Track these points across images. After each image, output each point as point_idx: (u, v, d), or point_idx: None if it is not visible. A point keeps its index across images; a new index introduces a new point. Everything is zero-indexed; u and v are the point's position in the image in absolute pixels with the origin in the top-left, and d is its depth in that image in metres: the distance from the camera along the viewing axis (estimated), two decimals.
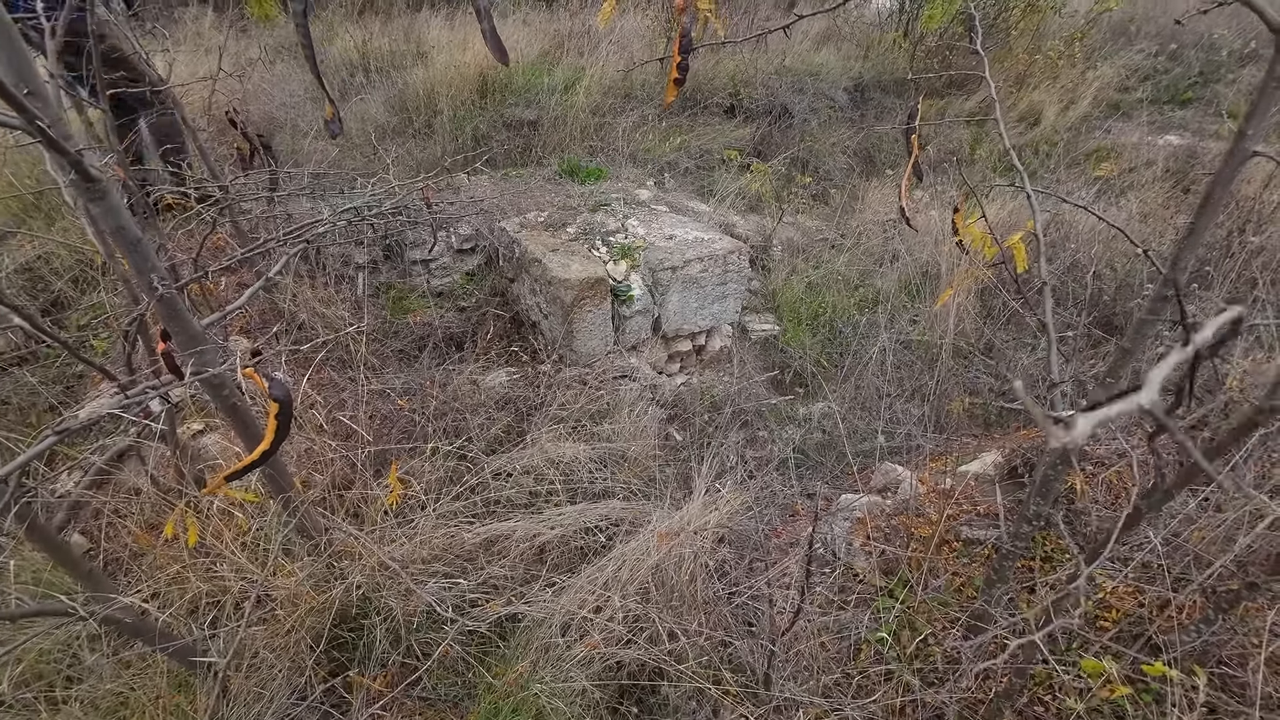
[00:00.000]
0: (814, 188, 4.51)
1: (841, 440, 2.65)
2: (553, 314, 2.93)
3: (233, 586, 1.30)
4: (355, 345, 2.17)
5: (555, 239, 3.15)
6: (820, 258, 4.00)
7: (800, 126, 5.00)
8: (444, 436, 2.03)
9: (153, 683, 1.20)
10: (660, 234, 3.32)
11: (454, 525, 1.65)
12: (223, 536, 1.35)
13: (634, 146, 4.27)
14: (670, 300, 3.10)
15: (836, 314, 3.64)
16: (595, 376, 2.79)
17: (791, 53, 5.32)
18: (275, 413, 0.93)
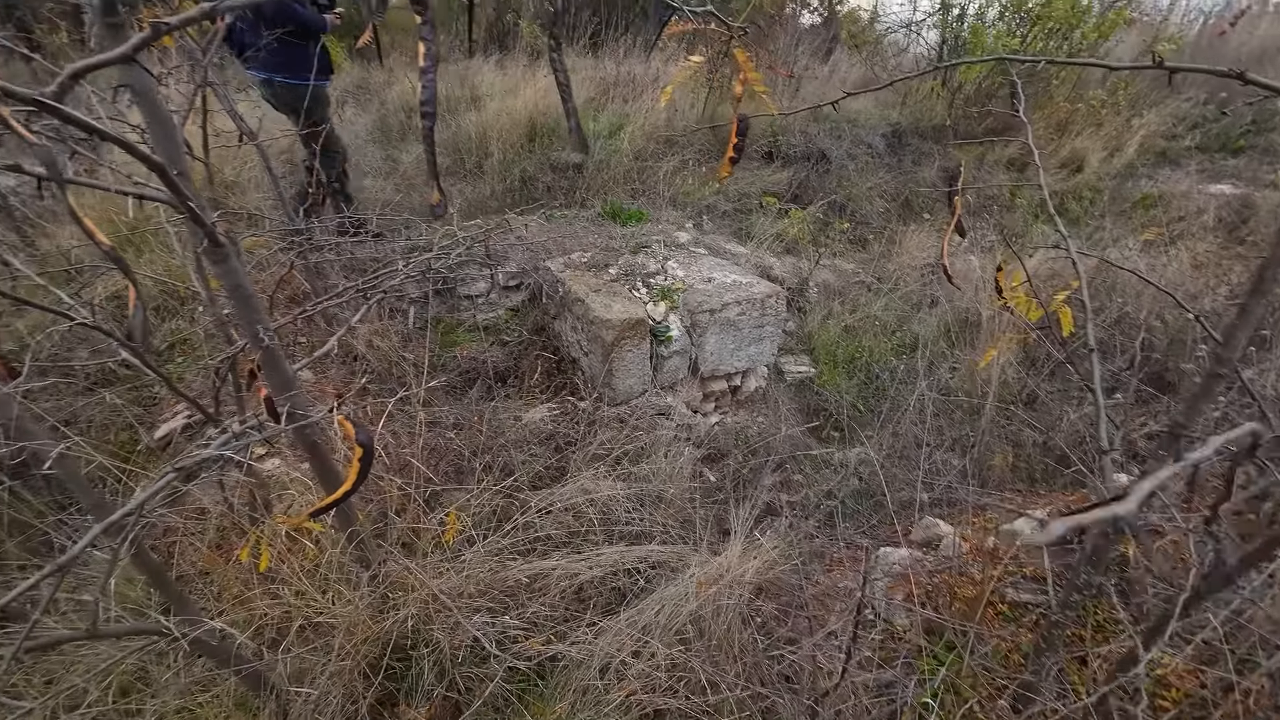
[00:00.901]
0: (851, 232, 4.56)
1: (879, 489, 2.63)
2: (593, 352, 3.01)
3: (296, 611, 1.38)
4: (412, 379, 2.28)
5: (597, 279, 3.26)
6: (857, 301, 4.02)
7: (837, 171, 5.09)
8: (488, 471, 2.10)
9: (220, 702, 1.27)
10: (699, 276, 3.40)
11: (498, 560, 1.71)
12: (288, 562, 1.44)
13: (674, 190, 4.41)
14: (708, 341, 3.16)
15: (873, 358, 3.63)
16: (633, 415, 2.84)
17: (829, 99, 5.45)
18: (359, 457, 1.01)
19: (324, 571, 1.45)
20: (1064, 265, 3.40)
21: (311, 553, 1.46)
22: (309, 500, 1.64)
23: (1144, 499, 0.32)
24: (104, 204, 3.25)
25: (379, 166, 4.85)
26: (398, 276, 1.44)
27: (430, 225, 3.19)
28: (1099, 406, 1.22)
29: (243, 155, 3.53)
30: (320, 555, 1.46)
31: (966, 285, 3.66)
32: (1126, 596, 1.36)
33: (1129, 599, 1.35)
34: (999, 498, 2.09)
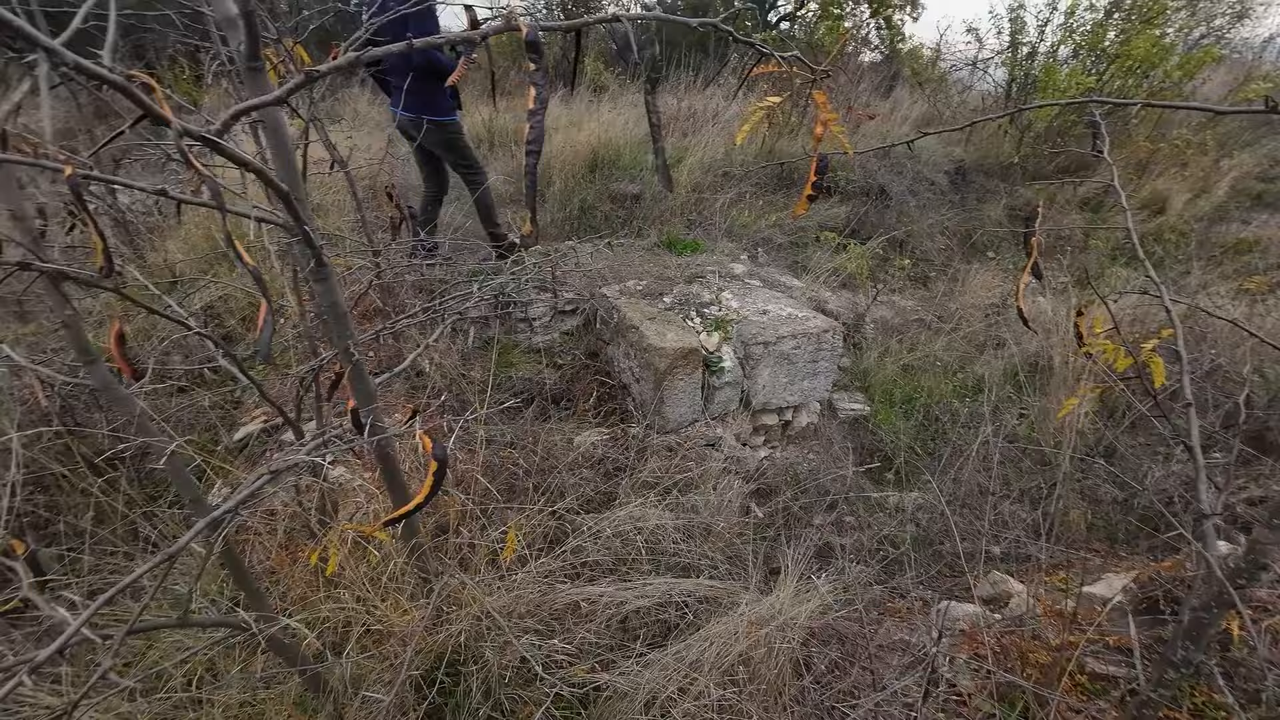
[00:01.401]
0: (911, 269, 4.45)
1: (940, 537, 2.50)
2: (645, 379, 3.03)
3: (356, 617, 1.42)
4: (475, 396, 2.35)
5: (652, 307, 3.30)
6: (916, 340, 3.90)
7: (898, 207, 5.01)
8: (540, 492, 2.13)
9: (281, 700, 1.32)
10: (754, 308, 3.39)
11: (548, 582, 1.72)
12: (351, 568, 1.49)
13: (730, 222, 4.45)
14: (760, 374, 3.13)
15: (933, 400, 3.50)
16: (683, 444, 2.83)
17: (891, 136, 5.41)
18: (433, 470, 1.05)
19: (384, 580, 1.49)
20: (1147, 311, 3.21)
21: (375, 560, 1.51)
22: (375, 508, 1.70)
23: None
24: (206, 221, 3.56)
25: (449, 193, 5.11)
26: (472, 299, 1.51)
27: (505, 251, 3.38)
28: (1198, 466, 1.13)
29: (329, 181, 3.81)
30: (384, 564, 1.51)
31: (1037, 328, 3.49)
32: (1232, 679, 1.23)
33: (1235, 682, 1.22)
34: (1075, 557, 1.95)
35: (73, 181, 0.80)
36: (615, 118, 5.54)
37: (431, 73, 3.14)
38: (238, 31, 0.86)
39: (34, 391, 1.65)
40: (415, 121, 3.28)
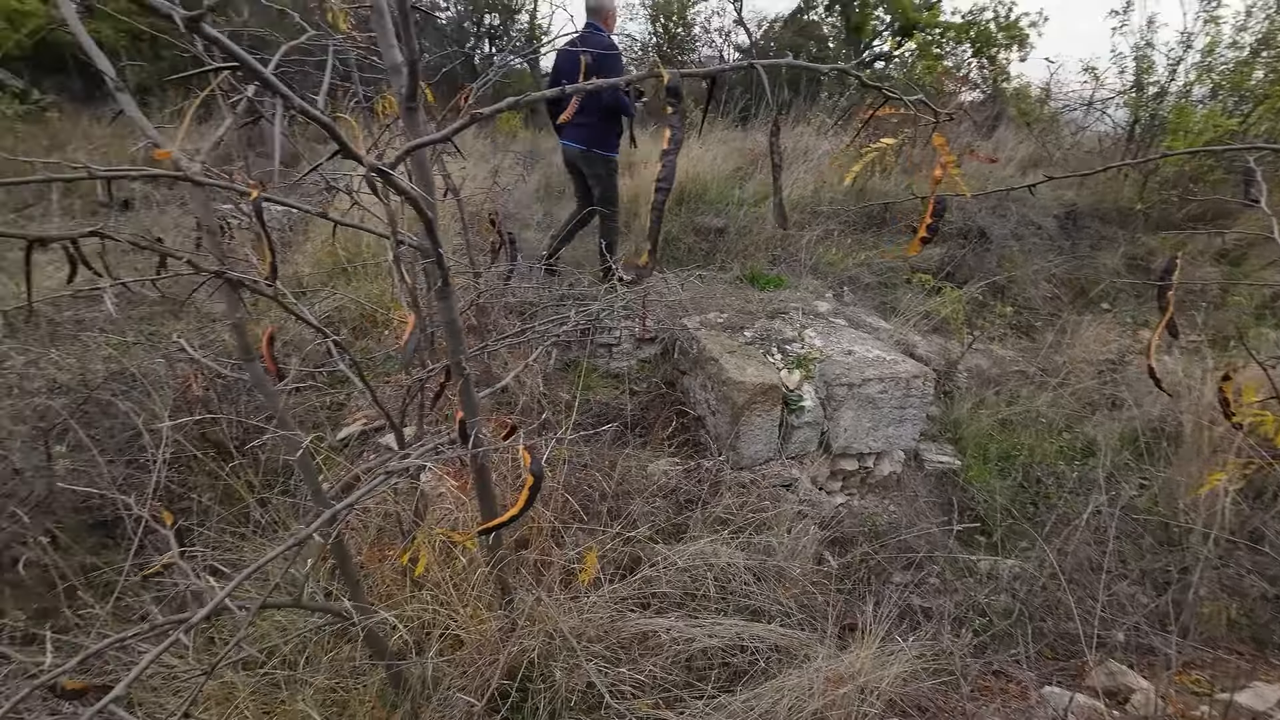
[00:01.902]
0: (1013, 317, 4.17)
1: (1039, 612, 2.27)
2: (721, 412, 3.00)
3: (436, 620, 1.48)
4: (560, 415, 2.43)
5: (733, 341, 3.28)
6: (1016, 393, 3.62)
7: (998, 250, 4.74)
8: (613, 517, 2.14)
9: (364, 691, 1.39)
10: (838, 348, 3.29)
11: (617, 609, 1.71)
12: (437, 571, 1.56)
13: (816, 259, 4.38)
14: (843, 417, 3.01)
15: (1034, 459, 3.21)
16: (757, 482, 2.76)
17: (994, 177, 5.15)
18: (530, 485, 1.09)
19: (467, 587, 1.55)
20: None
21: (460, 566, 1.57)
22: (461, 516, 1.78)
23: None
24: (330, 239, 3.95)
25: (539, 221, 5.39)
26: (569, 323, 1.57)
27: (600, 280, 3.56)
28: None
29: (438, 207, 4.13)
30: (468, 571, 1.56)
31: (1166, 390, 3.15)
32: None
33: None
34: (1214, 656, 1.69)
35: (256, 203, 0.92)
36: (704, 153, 5.65)
37: (610, 111, 3.43)
38: (400, 77, 0.96)
39: (188, 380, 1.87)
40: (584, 154, 3.59)
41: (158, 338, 2.64)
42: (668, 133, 0.70)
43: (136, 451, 2.17)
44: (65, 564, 1.79)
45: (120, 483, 1.92)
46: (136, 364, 2.27)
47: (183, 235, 4.28)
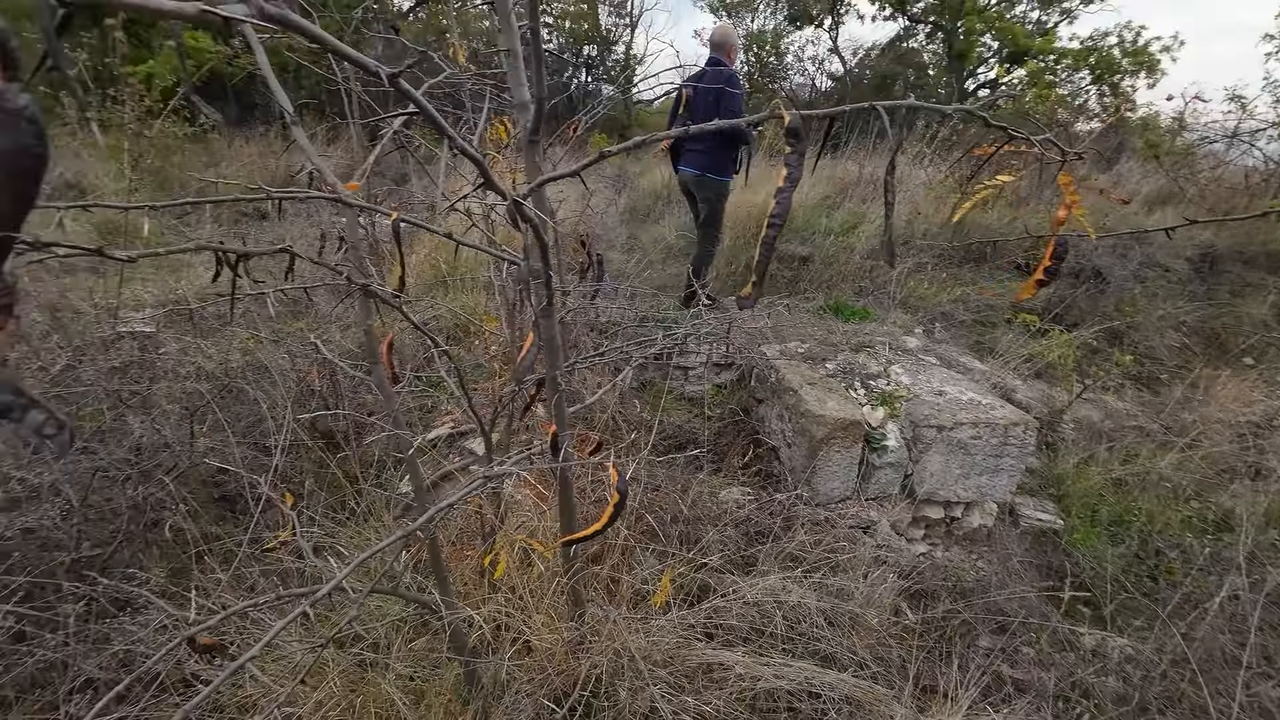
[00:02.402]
0: (1132, 367, 3.78)
1: (1157, 703, 2.01)
2: (797, 445, 2.92)
3: (511, 623, 1.53)
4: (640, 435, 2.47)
5: (813, 372, 3.20)
6: (1133, 451, 3.27)
7: (1116, 293, 4.33)
8: (683, 542, 2.13)
9: (440, 684, 1.46)
10: (927, 387, 3.13)
11: (684, 636, 1.69)
12: (514, 576, 1.62)
13: (906, 292, 4.20)
14: (929, 460, 2.84)
15: (1154, 527, 2.87)
16: (833, 521, 2.65)
17: (1115, 213, 4.74)
18: (615, 502, 1.11)
19: (540, 594, 1.59)
20: None
21: (536, 573, 1.63)
22: (539, 525, 1.84)
23: None
24: (433, 253, 4.26)
25: (623, 243, 5.54)
26: (656, 346, 1.61)
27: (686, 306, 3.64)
28: None
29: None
30: (544, 580, 1.61)
31: None
32: None
33: None
34: None
35: (395, 225, 1.03)
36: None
37: (728, 139, 3.59)
38: (527, 113, 1.05)
39: (310, 375, 2.07)
40: (698, 179, 3.73)
41: (282, 334, 2.94)
42: (784, 171, 0.72)
43: (260, 436, 2.41)
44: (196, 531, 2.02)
45: (246, 463, 2.14)
46: (267, 357, 2.55)
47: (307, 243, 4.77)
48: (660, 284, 4.21)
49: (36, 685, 1.72)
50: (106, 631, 1.78)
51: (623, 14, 12.39)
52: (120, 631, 1.77)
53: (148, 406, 2.14)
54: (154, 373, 2.38)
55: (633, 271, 4.36)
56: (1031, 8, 11.21)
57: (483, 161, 0.64)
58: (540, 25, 0.89)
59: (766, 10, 12.23)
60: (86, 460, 2.01)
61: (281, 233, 5.58)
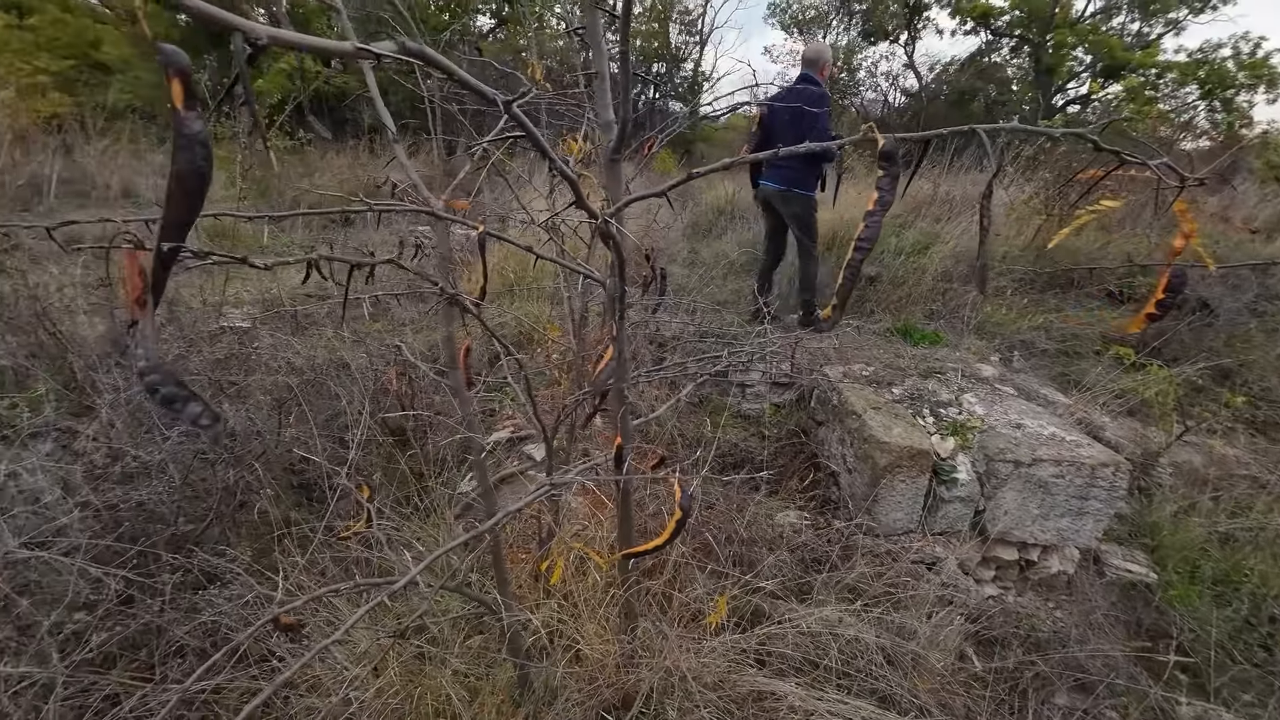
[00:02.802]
0: (1245, 409, 3.42)
1: None
2: (859, 472, 2.82)
3: (564, 629, 1.55)
4: (682, 451, 2.46)
5: (878, 397, 3.08)
6: (1244, 502, 2.95)
7: (1227, 327, 3.94)
8: (736, 563, 2.09)
9: (493, 683, 1.49)
10: (1003, 418, 2.94)
11: (735, 661, 1.66)
12: (568, 583, 1.64)
13: (982, 317, 3.98)
14: (1004, 497, 2.67)
15: (1269, 590, 2.57)
16: (894, 554, 2.53)
17: (1226, 239, 4.33)
18: (677, 518, 1.11)
19: (593, 604, 1.60)
20: None
21: (592, 582, 1.64)
22: (594, 534, 1.86)
23: None
24: (502, 263, 4.42)
25: (685, 257, 5.56)
26: (721, 363, 1.60)
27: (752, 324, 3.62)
28: None
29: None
30: (599, 590, 1.63)
31: None
32: None
33: None
34: None
35: (481, 238, 1.08)
36: (857, 197, 5.47)
37: (813, 155, 3.60)
38: (611, 132, 1.08)
39: (390, 376, 2.19)
40: (782, 194, 3.71)
41: (363, 334, 3.13)
42: (875, 195, 0.70)
43: (337, 429, 2.57)
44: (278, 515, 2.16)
45: (325, 453, 2.28)
46: (348, 355, 2.72)
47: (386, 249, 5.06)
48: (721, 299, 4.19)
49: (136, 646, 1.88)
50: (197, 602, 1.93)
51: (693, 32, 12.54)
52: (209, 603, 1.92)
53: (243, 396, 2.33)
54: (250, 365, 2.59)
55: (694, 286, 4.36)
56: (1132, 19, 10.50)
57: (577, 182, 0.67)
58: (629, 49, 0.92)
59: (839, 26, 12.05)
60: (189, 443, 2.20)
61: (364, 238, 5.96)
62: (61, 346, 2.48)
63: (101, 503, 1.83)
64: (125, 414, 2.28)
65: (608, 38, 1.05)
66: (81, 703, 1.45)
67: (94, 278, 3.01)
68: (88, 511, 1.74)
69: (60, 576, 1.75)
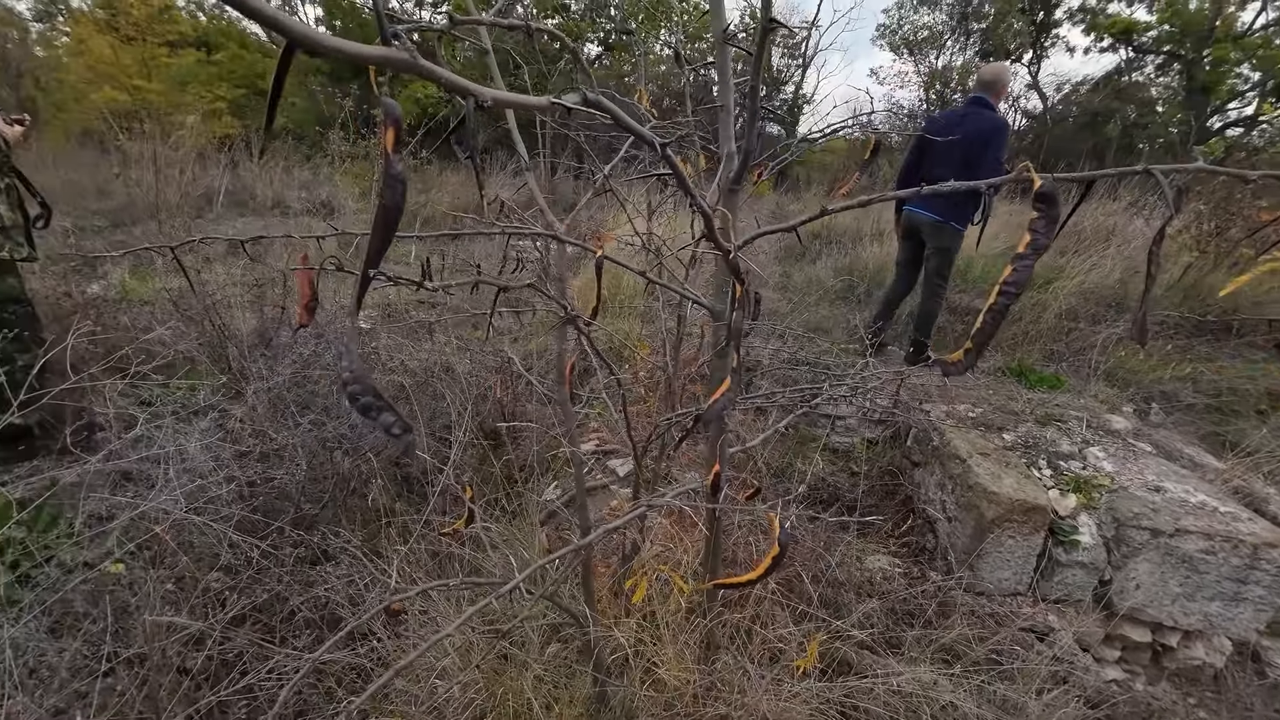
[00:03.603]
0: None
1: None
2: (961, 521, 2.61)
3: (643, 650, 1.55)
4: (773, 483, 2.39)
5: (986, 442, 2.85)
6: None
7: None
8: (820, 604, 1.99)
9: (573, 697, 1.52)
10: (1139, 479, 2.62)
11: (818, 710, 1.57)
12: (650, 604, 1.64)
13: (1114, 362, 3.58)
14: (1137, 569, 2.36)
15: None
16: (999, 617, 2.31)
17: None
18: (774, 555, 1.08)
19: (675, 628, 1.59)
20: None
21: (675, 606, 1.63)
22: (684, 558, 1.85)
23: None
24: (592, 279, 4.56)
25: (777, 281, 5.46)
26: (822, 396, 1.55)
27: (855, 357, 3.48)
28: None
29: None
30: (683, 616, 1.61)
31: None
32: None
33: None
34: None
35: (599, 262, 1.12)
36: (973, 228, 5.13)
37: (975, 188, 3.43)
38: (731, 163, 1.09)
39: (494, 383, 2.32)
40: (936, 225, 3.44)
41: (468, 342, 3.34)
42: (1028, 238, 0.66)
43: (440, 429, 2.75)
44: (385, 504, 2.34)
45: (429, 451, 2.45)
46: (455, 360, 2.91)
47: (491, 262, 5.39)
48: (813, 325, 4.07)
49: (259, 609, 2.10)
50: (312, 576, 2.13)
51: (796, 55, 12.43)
52: (321, 579, 2.11)
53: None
54: (370, 364, 2.84)
55: (785, 311, 4.27)
56: None
57: (711, 216, 0.69)
58: (759, 83, 0.93)
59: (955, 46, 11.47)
60: (316, 431, 2.44)
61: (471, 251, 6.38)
62: (222, 338, 2.85)
63: (244, 478, 2.07)
64: (266, 400, 2.58)
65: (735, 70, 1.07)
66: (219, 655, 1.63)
67: (250, 278, 3.44)
68: (233, 485, 1.97)
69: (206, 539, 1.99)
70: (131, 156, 5.93)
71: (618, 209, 4.85)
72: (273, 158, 8.38)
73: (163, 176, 5.13)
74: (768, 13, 0.85)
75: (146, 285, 4.06)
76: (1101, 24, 10.43)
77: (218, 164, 7.66)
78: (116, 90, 9.74)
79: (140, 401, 2.51)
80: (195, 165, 7.17)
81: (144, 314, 3.39)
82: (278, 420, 2.38)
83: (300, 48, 0.24)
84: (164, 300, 3.25)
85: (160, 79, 10.74)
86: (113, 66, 9.92)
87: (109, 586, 1.71)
